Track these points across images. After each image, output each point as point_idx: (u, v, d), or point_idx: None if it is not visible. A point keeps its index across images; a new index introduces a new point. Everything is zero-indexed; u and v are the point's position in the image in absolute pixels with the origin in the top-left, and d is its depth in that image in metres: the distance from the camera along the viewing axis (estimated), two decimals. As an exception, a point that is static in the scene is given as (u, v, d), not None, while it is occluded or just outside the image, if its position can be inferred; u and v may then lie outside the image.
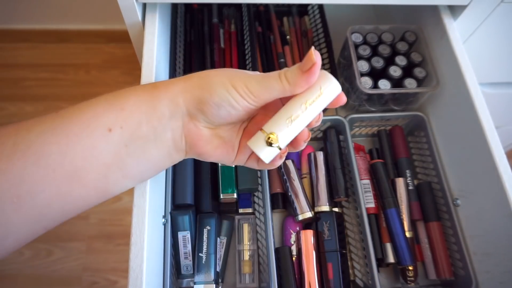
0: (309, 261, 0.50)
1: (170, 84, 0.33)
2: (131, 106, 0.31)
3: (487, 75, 0.70)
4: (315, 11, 0.69)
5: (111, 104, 0.31)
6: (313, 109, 0.32)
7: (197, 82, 0.32)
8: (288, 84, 0.31)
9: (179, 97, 0.32)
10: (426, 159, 0.59)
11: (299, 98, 0.31)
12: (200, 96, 0.32)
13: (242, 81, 0.31)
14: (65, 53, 1.42)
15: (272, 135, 0.31)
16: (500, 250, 0.47)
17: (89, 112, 0.31)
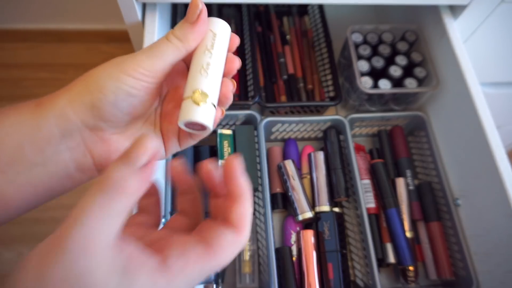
0: (309, 261, 0.50)
1: (55, 98, 0.27)
2: (8, 127, 0.26)
3: (488, 74, 0.70)
4: (315, 11, 0.69)
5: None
6: (218, 52, 0.29)
7: (83, 86, 0.27)
8: (180, 42, 0.27)
9: (68, 110, 0.27)
10: (426, 159, 0.58)
11: (199, 48, 0.29)
12: (91, 100, 0.26)
13: (130, 62, 0.27)
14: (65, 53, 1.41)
15: (196, 93, 0.27)
16: (501, 250, 0.47)
17: None
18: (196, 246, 0.22)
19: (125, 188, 0.20)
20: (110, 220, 0.19)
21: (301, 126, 0.59)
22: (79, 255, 0.18)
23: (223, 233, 0.23)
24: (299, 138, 0.62)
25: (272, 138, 0.62)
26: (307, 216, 0.53)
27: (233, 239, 0.23)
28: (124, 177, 0.20)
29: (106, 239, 0.19)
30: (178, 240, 0.23)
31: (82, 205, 0.19)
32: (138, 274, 0.20)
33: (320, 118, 0.58)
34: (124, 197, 0.20)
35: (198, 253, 0.22)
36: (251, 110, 0.57)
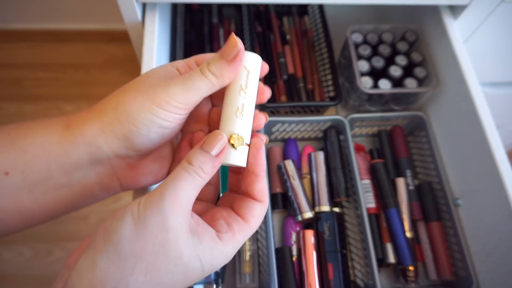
0: (310, 261, 0.50)
1: (85, 123, 0.27)
2: (37, 148, 0.27)
3: (489, 74, 0.70)
4: (315, 11, 0.69)
5: (12, 142, 0.27)
6: (251, 90, 0.29)
7: (114, 116, 0.27)
8: (215, 78, 0.28)
9: (99, 139, 0.27)
10: (426, 159, 0.58)
11: (233, 87, 0.29)
12: (124, 132, 0.27)
13: (163, 94, 0.27)
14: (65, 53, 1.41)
15: (233, 137, 0.28)
16: (501, 250, 0.47)
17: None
18: (238, 219, 0.27)
19: (203, 170, 0.25)
20: (190, 192, 0.25)
21: (301, 126, 0.59)
22: (169, 213, 0.23)
23: (254, 207, 0.28)
24: (299, 138, 0.62)
25: (272, 138, 0.62)
26: (307, 216, 0.53)
27: (260, 210, 0.28)
28: (204, 162, 0.25)
29: (187, 205, 0.25)
30: (222, 216, 0.28)
31: (172, 179, 0.25)
32: (203, 237, 0.25)
33: (320, 118, 0.58)
34: (201, 177, 0.25)
35: (240, 226, 0.27)
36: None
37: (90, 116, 0.28)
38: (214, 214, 0.28)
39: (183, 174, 0.25)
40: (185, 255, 0.24)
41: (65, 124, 0.28)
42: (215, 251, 0.25)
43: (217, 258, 0.26)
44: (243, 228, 0.27)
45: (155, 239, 0.23)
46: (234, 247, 0.27)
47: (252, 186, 0.28)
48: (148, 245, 0.23)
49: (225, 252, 0.26)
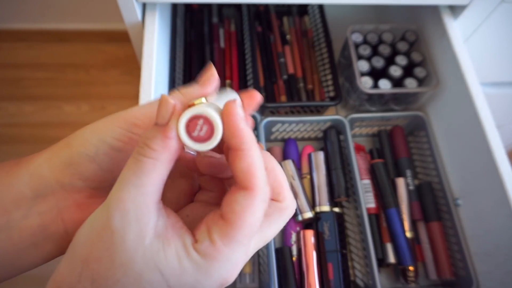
0: (310, 261, 0.50)
1: (34, 157, 0.24)
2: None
3: (489, 74, 0.70)
4: (315, 11, 0.69)
5: None
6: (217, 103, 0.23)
7: (64, 142, 0.24)
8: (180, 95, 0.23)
9: (44, 167, 0.24)
10: (426, 159, 0.58)
11: None
12: (70, 155, 0.23)
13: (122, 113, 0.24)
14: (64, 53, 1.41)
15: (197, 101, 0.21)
16: (501, 250, 0.47)
17: None
18: (218, 222, 0.20)
19: (150, 147, 0.20)
20: (139, 182, 0.19)
21: (301, 126, 0.59)
22: (113, 211, 0.19)
23: (234, 198, 0.20)
24: (299, 138, 0.62)
25: (272, 138, 0.62)
26: (307, 216, 0.53)
27: (245, 201, 0.20)
28: (149, 137, 0.20)
29: (139, 200, 0.19)
30: (207, 220, 0.21)
31: (122, 171, 0.20)
32: (169, 244, 0.20)
33: (320, 118, 0.58)
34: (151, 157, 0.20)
35: (220, 230, 0.20)
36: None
37: (44, 150, 0.25)
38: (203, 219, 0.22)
39: (129, 162, 0.20)
40: (136, 263, 0.19)
41: (15, 162, 0.25)
42: (185, 265, 0.19)
43: (189, 275, 0.20)
44: (226, 232, 0.20)
45: (100, 243, 0.19)
46: (219, 261, 0.20)
47: (233, 167, 0.20)
48: (93, 250, 0.19)
49: (203, 268, 0.20)
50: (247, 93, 0.25)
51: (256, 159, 0.20)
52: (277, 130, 0.60)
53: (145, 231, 0.19)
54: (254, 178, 0.20)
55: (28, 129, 1.29)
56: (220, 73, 0.62)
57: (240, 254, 0.20)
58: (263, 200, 0.20)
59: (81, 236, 0.20)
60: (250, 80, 0.60)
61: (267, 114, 0.62)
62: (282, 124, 0.58)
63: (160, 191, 0.20)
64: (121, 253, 0.19)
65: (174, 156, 0.20)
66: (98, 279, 0.19)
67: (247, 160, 0.20)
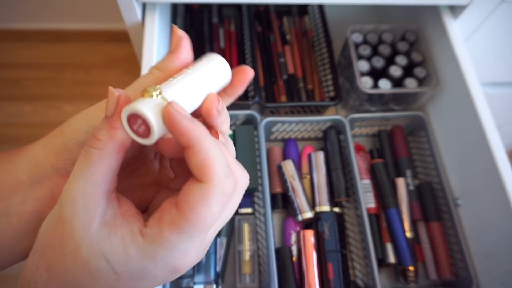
0: (310, 262, 0.50)
1: (33, 144, 0.25)
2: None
3: (489, 74, 0.70)
4: (315, 11, 0.69)
5: None
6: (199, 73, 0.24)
7: (59, 129, 0.25)
8: (158, 71, 0.25)
9: (39, 154, 0.24)
10: (426, 159, 0.58)
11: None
12: (63, 141, 0.24)
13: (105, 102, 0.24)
14: (64, 52, 1.41)
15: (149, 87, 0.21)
16: (501, 250, 0.47)
17: None
18: (171, 211, 0.20)
19: (97, 137, 0.21)
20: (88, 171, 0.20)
21: (301, 126, 0.59)
22: (64, 201, 0.20)
23: (191, 189, 0.20)
24: (299, 138, 0.62)
25: (272, 138, 0.62)
26: (307, 216, 0.53)
27: (200, 194, 0.19)
28: (97, 129, 0.21)
29: (88, 189, 0.20)
30: (162, 207, 0.21)
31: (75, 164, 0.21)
32: (116, 231, 0.20)
33: (320, 118, 0.58)
34: (97, 148, 0.20)
35: (172, 219, 0.20)
36: (251, 110, 0.57)
37: (40, 139, 0.26)
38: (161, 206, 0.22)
39: (80, 154, 0.21)
40: (83, 250, 0.20)
41: (13, 151, 0.26)
42: (130, 252, 0.20)
43: (135, 261, 0.20)
44: (176, 222, 0.20)
45: (54, 232, 0.20)
46: (165, 249, 0.20)
47: (188, 162, 0.20)
48: (49, 239, 0.21)
49: (148, 254, 0.20)
50: (239, 68, 0.27)
51: (210, 152, 0.20)
52: (277, 130, 0.60)
53: (92, 220, 0.20)
54: (209, 171, 0.20)
55: (28, 129, 1.29)
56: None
57: (192, 244, 0.20)
58: (221, 193, 0.20)
59: (42, 227, 0.21)
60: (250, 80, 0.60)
61: (267, 114, 0.62)
62: (282, 124, 0.58)
63: (110, 181, 0.21)
64: (70, 241, 0.20)
65: (121, 147, 0.21)
66: (53, 267, 0.20)
67: (199, 155, 0.20)
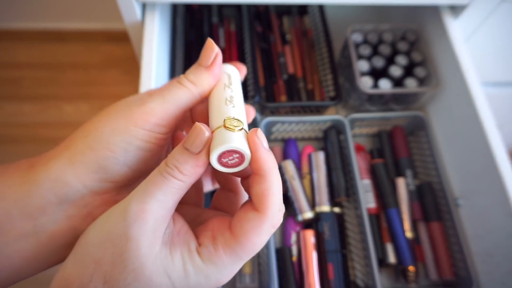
0: (310, 262, 0.50)
1: (50, 160, 0.24)
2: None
3: (490, 74, 0.70)
4: (314, 10, 0.68)
5: None
6: (237, 89, 0.27)
7: (84, 144, 0.23)
8: (194, 86, 0.25)
9: (67, 174, 0.23)
10: (426, 159, 0.58)
11: (216, 88, 0.26)
12: (98, 160, 0.23)
13: (140, 110, 0.24)
14: (64, 52, 1.41)
15: (228, 120, 0.23)
16: (501, 251, 0.47)
17: None
18: (224, 233, 0.22)
19: (180, 171, 0.21)
20: (163, 197, 0.21)
21: (301, 126, 0.59)
22: (131, 221, 0.21)
23: (247, 218, 0.22)
24: (299, 138, 0.62)
25: (272, 138, 0.61)
26: (307, 216, 0.53)
27: (255, 222, 0.21)
28: (181, 161, 0.21)
29: (158, 212, 0.21)
30: (213, 226, 0.23)
31: (144, 183, 0.21)
32: (176, 250, 0.21)
33: (320, 118, 0.58)
34: (179, 179, 0.21)
35: (225, 241, 0.22)
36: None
37: (58, 151, 0.24)
38: (209, 224, 0.23)
39: (155, 177, 0.21)
40: (147, 268, 0.20)
41: (28, 165, 0.24)
42: (188, 268, 0.21)
43: (192, 278, 0.21)
44: (229, 244, 0.21)
45: (115, 248, 0.20)
46: (218, 267, 0.21)
47: (250, 190, 0.22)
48: (107, 253, 0.21)
49: (204, 271, 0.21)
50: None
51: (273, 185, 0.22)
52: (277, 130, 0.59)
53: (157, 239, 0.21)
54: (267, 203, 0.21)
55: (28, 129, 1.29)
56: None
57: (238, 265, 0.22)
58: (271, 225, 0.22)
59: (93, 237, 0.21)
60: (250, 80, 0.60)
61: (267, 114, 0.62)
62: (282, 124, 0.58)
63: (176, 205, 0.22)
64: (134, 259, 0.20)
65: (198, 178, 0.22)
66: (110, 281, 0.20)
67: (263, 185, 0.21)
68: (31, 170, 0.24)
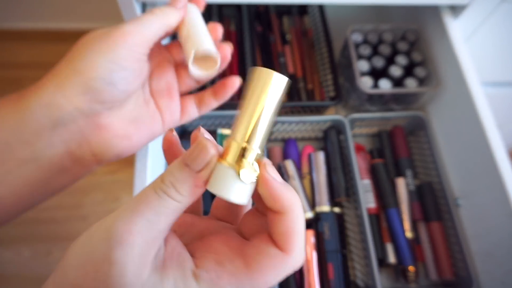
0: (310, 262, 0.50)
1: (39, 88, 0.25)
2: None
3: (490, 74, 0.70)
4: (314, 10, 0.68)
5: None
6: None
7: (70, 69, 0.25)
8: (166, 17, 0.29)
9: (58, 97, 0.24)
10: (426, 159, 0.58)
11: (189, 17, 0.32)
12: (85, 81, 0.24)
13: (118, 33, 0.26)
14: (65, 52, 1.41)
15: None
16: (502, 250, 0.47)
17: None
18: (234, 260, 0.19)
19: (178, 191, 0.19)
20: (156, 218, 0.18)
21: (301, 126, 0.59)
22: (116, 243, 0.18)
23: (267, 252, 0.19)
24: (299, 138, 0.62)
25: (272, 138, 0.61)
26: (307, 216, 0.53)
27: (277, 261, 0.19)
28: (179, 180, 0.19)
29: (149, 234, 0.18)
30: (219, 249, 0.20)
31: (136, 199, 0.19)
32: (168, 275, 0.19)
33: (320, 118, 0.58)
34: (175, 199, 0.19)
35: (235, 270, 0.19)
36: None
37: (46, 79, 0.25)
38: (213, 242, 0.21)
39: (148, 194, 0.19)
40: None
41: (18, 96, 0.25)
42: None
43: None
44: (238, 276, 0.19)
45: (96, 273, 0.18)
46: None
47: (272, 226, 0.20)
48: (87, 279, 0.18)
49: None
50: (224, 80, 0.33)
51: (298, 224, 0.19)
52: (277, 130, 0.59)
53: (146, 265, 0.18)
54: (292, 244, 0.19)
55: (28, 129, 1.29)
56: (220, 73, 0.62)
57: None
58: (294, 266, 0.20)
59: (73, 259, 0.19)
60: (250, 80, 0.60)
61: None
62: (282, 124, 0.58)
63: (170, 226, 0.19)
64: (119, 286, 0.18)
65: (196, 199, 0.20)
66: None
67: (289, 225, 0.19)
68: (22, 100, 0.24)
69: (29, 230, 1.08)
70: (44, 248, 1.14)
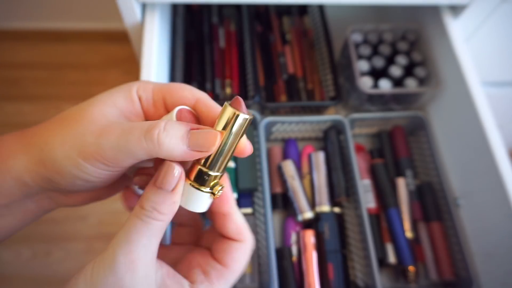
0: (310, 261, 0.50)
1: (10, 158, 0.25)
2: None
3: (490, 74, 0.70)
4: (314, 10, 0.68)
5: None
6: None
7: (39, 158, 0.24)
8: (157, 146, 0.22)
9: (26, 177, 0.24)
10: (426, 159, 0.58)
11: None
12: (49, 176, 0.24)
13: (92, 149, 0.23)
14: (64, 52, 1.41)
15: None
16: (502, 251, 0.47)
17: None
18: (215, 266, 0.25)
19: (159, 211, 0.22)
20: (147, 242, 0.22)
21: (301, 126, 0.59)
22: (123, 273, 0.21)
23: (233, 248, 0.25)
24: (299, 138, 0.62)
25: (272, 138, 0.61)
26: (307, 216, 0.53)
27: (242, 250, 0.26)
28: (157, 202, 0.22)
29: (146, 258, 0.22)
30: (199, 263, 0.25)
31: (125, 232, 0.22)
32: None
33: (320, 118, 0.58)
34: (159, 220, 0.22)
35: (218, 272, 0.25)
36: (251, 110, 0.57)
37: (16, 151, 0.25)
38: (191, 262, 0.26)
39: (135, 223, 0.22)
40: None
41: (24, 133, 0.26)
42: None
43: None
44: (223, 275, 0.25)
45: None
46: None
47: (225, 228, 0.26)
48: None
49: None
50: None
51: (242, 217, 0.26)
52: (277, 130, 0.59)
53: (151, 285, 0.22)
54: (246, 233, 0.26)
55: (28, 129, 1.29)
56: (220, 73, 0.62)
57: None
58: (250, 249, 0.26)
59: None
60: (250, 80, 0.60)
61: (267, 114, 0.62)
62: (282, 124, 0.58)
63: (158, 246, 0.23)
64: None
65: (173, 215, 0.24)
66: None
67: (238, 220, 0.26)
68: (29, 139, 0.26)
69: (29, 230, 1.08)
70: (44, 248, 1.13)
